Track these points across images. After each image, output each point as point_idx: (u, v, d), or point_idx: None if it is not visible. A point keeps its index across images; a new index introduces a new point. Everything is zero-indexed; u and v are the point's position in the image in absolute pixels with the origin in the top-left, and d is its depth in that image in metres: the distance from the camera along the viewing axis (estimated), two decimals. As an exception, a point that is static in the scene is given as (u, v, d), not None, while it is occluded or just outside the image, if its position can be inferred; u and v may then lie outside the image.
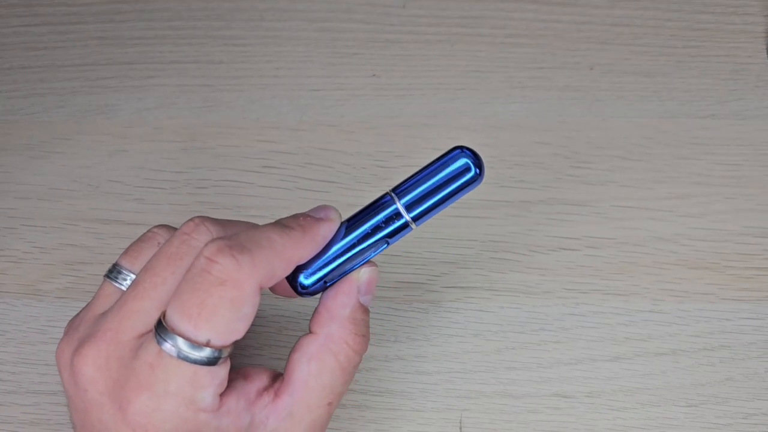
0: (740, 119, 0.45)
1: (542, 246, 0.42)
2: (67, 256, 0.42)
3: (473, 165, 0.30)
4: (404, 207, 0.30)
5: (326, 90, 0.47)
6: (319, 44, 0.48)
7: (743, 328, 0.39)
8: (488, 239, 0.42)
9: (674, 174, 0.43)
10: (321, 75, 0.47)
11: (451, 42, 0.48)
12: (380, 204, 0.31)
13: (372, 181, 0.44)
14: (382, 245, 0.31)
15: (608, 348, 0.39)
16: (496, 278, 0.41)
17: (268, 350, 0.40)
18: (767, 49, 0.47)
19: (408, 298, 0.41)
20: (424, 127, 0.45)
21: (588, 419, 0.38)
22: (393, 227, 0.30)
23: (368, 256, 0.31)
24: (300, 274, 0.31)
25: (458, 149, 0.30)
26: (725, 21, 0.48)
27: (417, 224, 0.30)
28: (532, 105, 0.46)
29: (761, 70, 0.46)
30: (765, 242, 0.41)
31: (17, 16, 0.50)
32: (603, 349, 0.39)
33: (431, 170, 0.30)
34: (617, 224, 0.42)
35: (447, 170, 0.30)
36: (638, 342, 0.39)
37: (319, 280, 0.30)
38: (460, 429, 0.38)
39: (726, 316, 0.39)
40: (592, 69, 0.47)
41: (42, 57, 0.49)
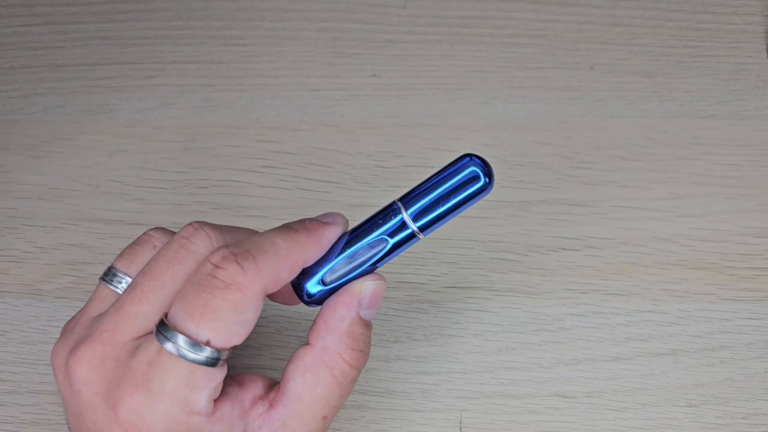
0: (740, 119, 0.45)
1: (542, 246, 0.42)
2: (68, 256, 0.42)
3: (482, 174, 0.29)
4: (411, 217, 0.29)
5: (326, 90, 0.47)
6: (319, 44, 0.48)
7: (743, 329, 0.39)
8: (488, 239, 0.42)
9: (674, 174, 0.43)
10: (321, 75, 0.47)
11: (451, 42, 0.48)
12: (387, 213, 0.30)
13: (372, 181, 0.44)
14: (388, 255, 0.30)
15: (608, 348, 0.39)
16: (497, 278, 0.41)
17: (268, 350, 0.40)
18: (767, 49, 0.47)
19: (408, 298, 0.41)
20: (424, 127, 0.45)
21: (588, 419, 0.38)
22: (400, 237, 0.30)
23: (369, 263, 0.30)
24: (306, 283, 0.30)
25: (467, 157, 0.29)
26: (725, 21, 0.48)
27: (424, 234, 0.30)
28: (532, 105, 0.46)
29: (761, 70, 0.46)
30: (765, 242, 0.41)
31: (17, 16, 0.50)
32: (603, 350, 0.39)
33: (439, 179, 0.29)
34: (617, 224, 0.42)
35: (455, 179, 0.29)
36: (638, 342, 0.39)
37: (325, 288, 0.30)
38: (460, 429, 0.38)
39: (726, 317, 0.39)
40: (593, 69, 0.47)
41: (42, 57, 0.49)
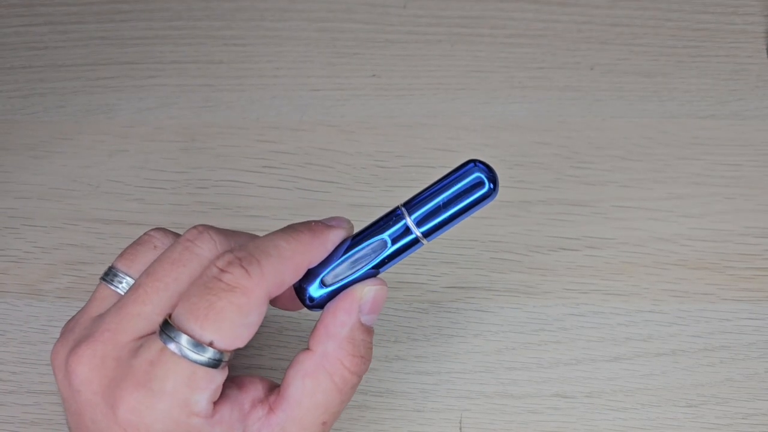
0: (740, 119, 0.45)
1: (542, 246, 0.42)
2: (68, 256, 0.42)
3: (487, 179, 0.29)
4: (415, 222, 0.29)
5: (326, 90, 0.47)
6: (320, 44, 0.48)
7: (743, 329, 0.39)
8: (488, 239, 0.42)
9: (674, 174, 0.43)
10: (321, 75, 0.47)
11: (452, 42, 0.48)
12: (391, 218, 0.30)
13: (372, 181, 0.44)
14: (391, 260, 0.30)
15: (608, 348, 0.39)
16: (496, 278, 0.41)
17: (268, 350, 0.40)
18: (767, 49, 0.47)
19: (408, 298, 0.41)
20: (424, 127, 0.45)
21: (588, 419, 0.38)
22: (403, 243, 0.30)
23: (371, 266, 0.30)
24: (308, 286, 0.30)
25: (471, 163, 0.29)
26: (725, 21, 0.48)
27: (428, 240, 0.30)
28: (532, 105, 0.46)
29: (761, 70, 0.46)
30: (765, 242, 0.41)
31: (18, 16, 0.50)
32: (603, 350, 0.39)
33: (443, 185, 0.29)
34: (617, 224, 0.42)
35: (460, 185, 0.29)
36: (638, 342, 0.39)
37: (326, 292, 0.30)
38: (460, 429, 0.38)
39: (726, 317, 0.39)
40: (593, 69, 0.47)
41: (42, 57, 0.49)
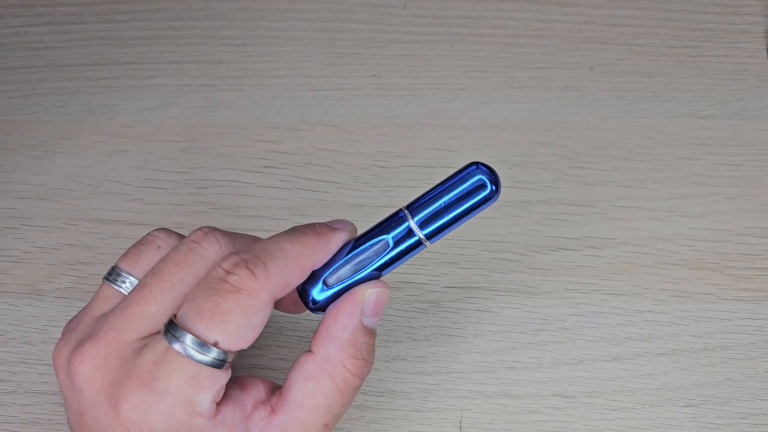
0: (740, 119, 0.45)
1: (542, 246, 0.42)
2: (68, 256, 0.42)
3: (489, 182, 0.29)
4: (418, 224, 0.29)
5: (326, 90, 0.47)
6: (320, 44, 0.48)
7: (744, 329, 0.39)
8: (488, 239, 0.42)
9: (674, 174, 0.43)
10: (321, 75, 0.47)
11: (452, 42, 0.48)
12: (393, 221, 0.30)
13: (372, 181, 0.44)
14: (394, 263, 0.30)
15: (608, 348, 0.39)
16: (497, 278, 0.41)
17: (268, 350, 0.40)
18: (767, 49, 0.47)
19: (408, 298, 0.41)
20: (424, 127, 0.45)
21: (588, 419, 0.38)
22: (406, 245, 0.30)
23: (373, 268, 0.30)
24: (311, 289, 0.30)
25: (474, 165, 0.29)
26: (725, 21, 0.48)
27: (431, 242, 0.30)
28: (532, 105, 0.46)
29: (761, 70, 0.46)
30: (765, 242, 0.41)
31: (18, 16, 0.50)
32: (603, 350, 0.39)
33: (446, 187, 0.29)
34: (617, 224, 0.42)
35: (462, 187, 0.29)
36: (638, 342, 0.39)
37: (329, 294, 0.30)
38: (461, 429, 0.38)
39: (726, 317, 0.39)
40: (592, 69, 0.47)
41: (42, 57, 0.49)
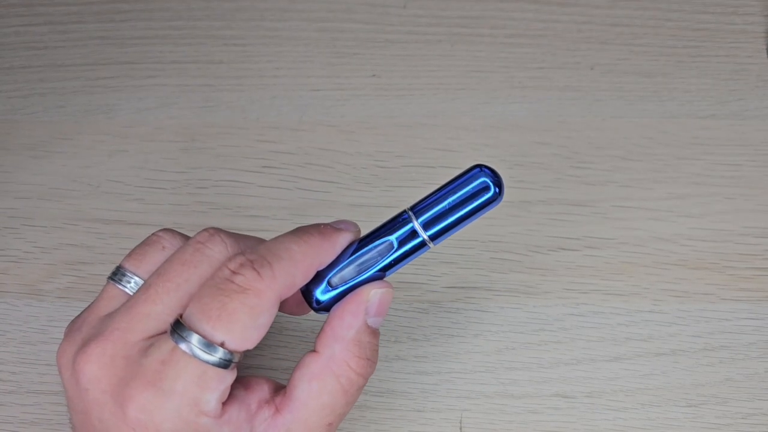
0: (740, 119, 0.45)
1: (542, 246, 0.42)
2: (68, 256, 0.42)
3: (492, 184, 0.29)
4: (421, 225, 0.29)
5: (326, 90, 0.47)
6: (319, 44, 0.48)
7: (743, 329, 0.39)
8: (488, 239, 0.42)
9: (674, 174, 0.43)
10: (321, 75, 0.47)
11: (452, 42, 0.48)
12: (397, 222, 0.30)
13: (372, 181, 0.44)
14: (397, 264, 0.30)
15: (608, 348, 0.39)
16: (497, 278, 0.41)
17: (268, 350, 0.40)
18: (767, 49, 0.47)
19: (408, 298, 0.41)
20: (424, 127, 0.45)
21: (588, 419, 0.38)
22: (410, 246, 0.30)
23: (377, 269, 0.30)
24: (315, 289, 0.30)
25: (477, 168, 0.29)
26: (725, 21, 0.48)
27: (435, 243, 0.30)
28: (532, 105, 0.46)
29: (761, 70, 0.46)
30: (765, 242, 0.41)
31: (18, 16, 0.50)
32: (603, 350, 0.39)
33: (449, 189, 0.30)
34: (617, 224, 0.42)
35: (465, 189, 0.29)
36: (638, 342, 0.39)
37: (333, 295, 0.30)
38: (461, 429, 0.38)
39: (726, 317, 0.39)
40: (593, 69, 0.47)
41: (42, 56, 0.49)
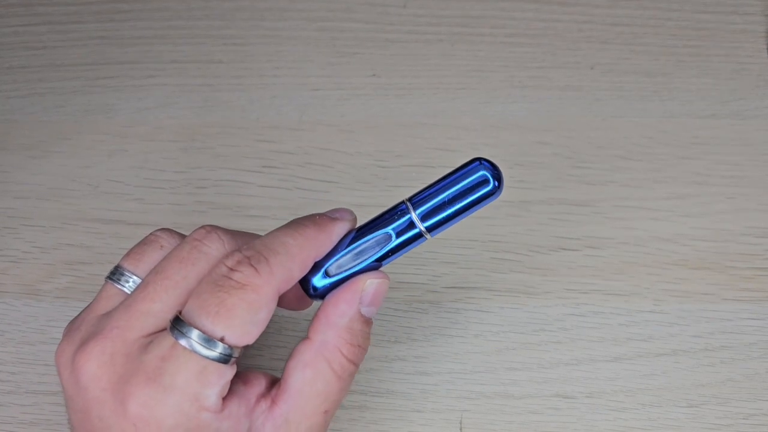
0: (741, 119, 0.45)
1: (543, 246, 0.41)
2: (67, 256, 0.42)
3: (492, 177, 0.29)
4: (419, 217, 0.29)
5: (326, 90, 0.47)
6: (319, 44, 0.48)
7: (744, 329, 0.39)
8: (488, 239, 0.42)
9: (675, 174, 0.43)
10: (321, 75, 0.47)
11: (452, 41, 0.48)
12: (395, 212, 0.30)
13: (372, 181, 0.44)
14: (394, 254, 0.30)
15: (609, 348, 0.39)
16: (497, 278, 0.41)
17: (268, 351, 0.39)
18: (768, 49, 0.47)
19: (408, 298, 0.40)
20: (424, 127, 0.45)
21: (588, 420, 0.37)
22: (407, 236, 0.30)
23: (374, 259, 0.30)
24: (312, 276, 0.30)
25: (477, 161, 0.29)
26: (726, 21, 0.48)
27: (432, 235, 0.30)
28: (533, 105, 0.46)
29: (762, 70, 0.46)
30: (766, 242, 0.41)
31: (17, 16, 0.50)
32: (604, 350, 0.39)
33: (449, 181, 0.30)
34: (618, 224, 0.42)
35: (465, 182, 0.29)
36: (639, 342, 0.39)
37: (329, 282, 0.30)
38: (461, 430, 0.37)
39: (727, 317, 0.39)
40: (593, 68, 0.47)
41: (41, 56, 0.49)
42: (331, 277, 0.30)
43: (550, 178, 0.43)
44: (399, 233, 0.30)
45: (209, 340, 0.27)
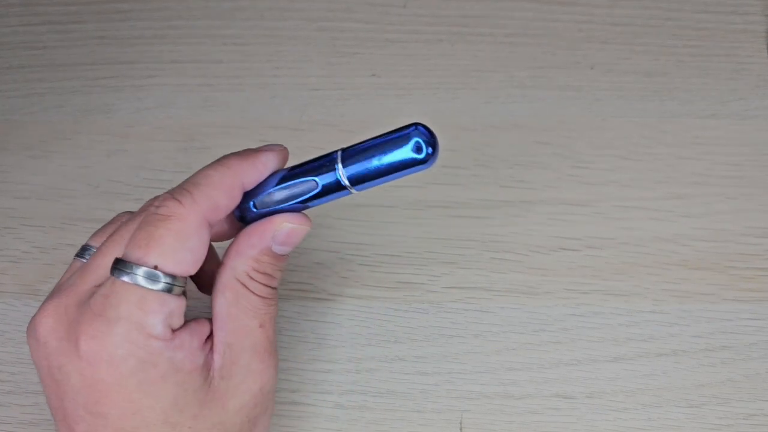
0: (741, 119, 0.45)
1: (543, 246, 0.41)
2: (67, 256, 0.42)
3: (425, 144, 0.28)
4: (347, 174, 0.29)
5: (326, 90, 0.47)
6: (319, 43, 0.48)
7: (744, 329, 0.39)
8: (488, 239, 0.42)
9: (675, 174, 0.43)
10: (321, 75, 0.47)
11: (451, 41, 0.48)
12: (326, 161, 0.30)
13: (372, 181, 0.44)
14: (317, 199, 0.30)
15: (609, 348, 0.39)
16: (497, 278, 0.41)
17: (268, 351, 0.39)
18: (768, 49, 0.47)
19: (408, 299, 0.40)
20: (425, 127, 0.45)
21: (589, 420, 0.37)
22: (331, 187, 0.30)
23: (297, 201, 0.30)
24: (240, 207, 0.31)
25: (413, 126, 0.29)
26: (726, 20, 0.48)
27: (356, 189, 0.30)
28: (532, 105, 0.46)
29: (762, 70, 0.46)
30: (766, 242, 0.41)
31: (16, 16, 0.50)
32: (604, 350, 0.39)
33: (383, 140, 0.29)
34: (618, 224, 0.42)
35: (397, 146, 0.29)
36: (639, 342, 0.39)
37: (256, 213, 0.31)
38: (461, 430, 0.37)
39: (727, 317, 0.39)
40: (593, 68, 0.47)
41: (41, 56, 0.49)
42: (257, 211, 0.31)
43: (550, 178, 0.43)
44: (325, 185, 0.30)
45: (147, 272, 0.28)
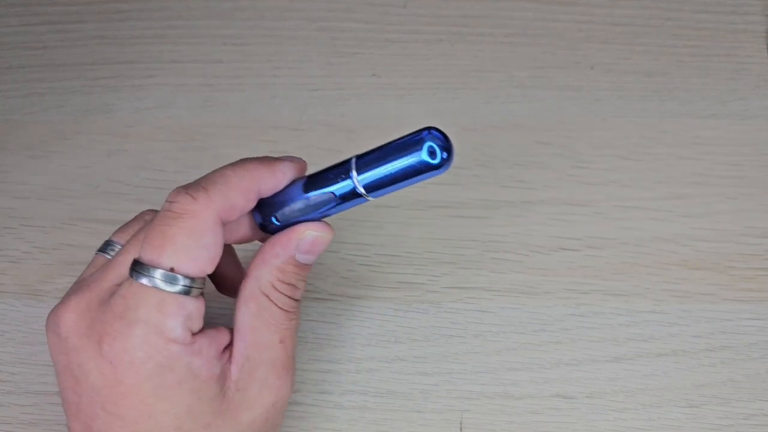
0: (741, 119, 0.45)
1: (543, 246, 0.41)
2: (67, 256, 0.42)
3: (439, 149, 0.28)
4: (362, 182, 0.29)
5: (326, 90, 0.47)
6: (319, 43, 0.48)
7: (745, 329, 0.39)
8: (488, 239, 0.42)
9: (675, 174, 0.43)
10: (321, 74, 0.47)
11: (451, 41, 0.48)
12: (342, 170, 0.30)
13: (372, 181, 0.44)
14: (337, 207, 0.30)
15: (609, 349, 0.39)
16: (497, 278, 0.41)
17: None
18: (768, 49, 0.47)
19: (408, 299, 0.40)
20: (425, 127, 0.45)
21: (589, 420, 0.37)
22: (348, 196, 0.30)
23: (319, 212, 0.30)
24: (261, 215, 0.31)
25: (426, 130, 0.28)
26: (726, 20, 0.48)
27: (372, 196, 0.30)
28: (533, 105, 0.46)
29: (762, 70, 0.46)
30: (766, 242, 0.41)
31: (16, 16, 0.50)
32: (604, 350, 0.39)
33: (397, 146, 0.29)
34: (618, 224, 0.42)
35: (411, 152, 0.28)
36: (639, 342, 0.39)
37: (278, 225, 0.31)
38: (461, 430, 0.37)
39: (727, 317, 0.39)
40: (593, 68, 0.47)
41: (41, 56, 0.49)
42: (279, 224, 0.31)
43: (550, 178, 0.43)
44: (341, 195, 0.30)
45: (165, 274, 0.28)
